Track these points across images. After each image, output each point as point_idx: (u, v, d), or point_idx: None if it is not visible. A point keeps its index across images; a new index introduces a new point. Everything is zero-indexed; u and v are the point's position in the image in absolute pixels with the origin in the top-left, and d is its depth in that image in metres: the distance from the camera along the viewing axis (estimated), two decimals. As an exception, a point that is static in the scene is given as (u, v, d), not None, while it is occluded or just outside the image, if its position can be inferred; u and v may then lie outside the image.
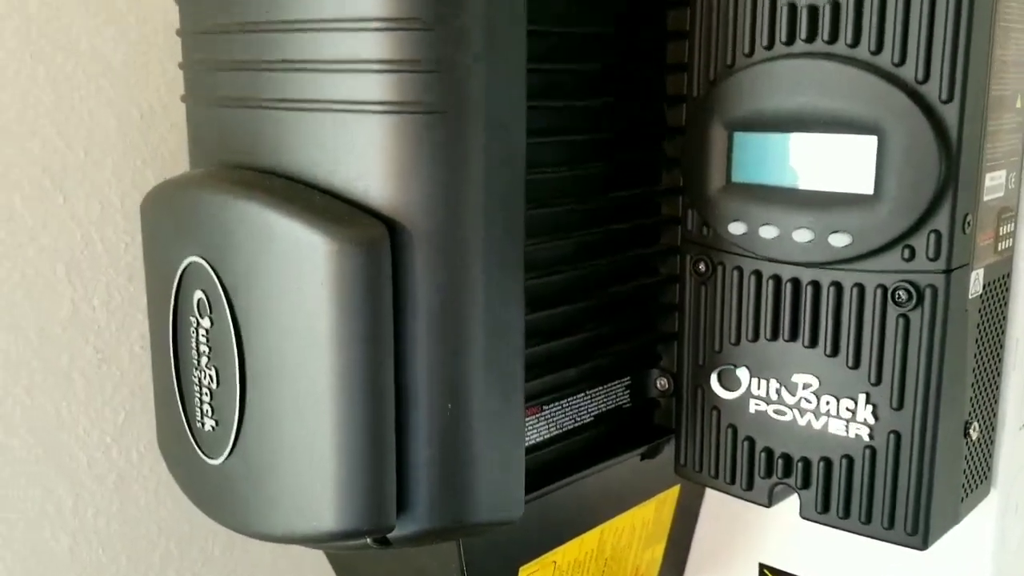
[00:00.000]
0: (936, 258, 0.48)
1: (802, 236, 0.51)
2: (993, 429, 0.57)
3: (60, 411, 0.65)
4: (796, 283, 0.52)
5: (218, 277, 0.46)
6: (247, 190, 0.45)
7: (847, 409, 0.52)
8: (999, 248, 0.53)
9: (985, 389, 0.55)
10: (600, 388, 0.58)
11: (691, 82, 0.54)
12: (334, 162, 0.45)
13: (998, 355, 0.56)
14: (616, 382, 0.59)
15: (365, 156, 0.44)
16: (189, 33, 0.51)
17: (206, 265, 0.47)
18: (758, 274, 0.54)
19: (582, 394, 0.57)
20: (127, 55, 0.65)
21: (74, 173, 0.64)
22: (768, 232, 0.52)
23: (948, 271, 0.48)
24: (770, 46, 0.51)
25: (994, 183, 0.51)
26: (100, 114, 0.65)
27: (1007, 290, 0.55)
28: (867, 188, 0.49)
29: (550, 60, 0.51)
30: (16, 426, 0.63)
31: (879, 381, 0.50)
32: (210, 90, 0.50)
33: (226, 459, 0.48)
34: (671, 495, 0.69)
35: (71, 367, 0.66)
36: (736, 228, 0.53)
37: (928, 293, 0.48)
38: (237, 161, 0.49)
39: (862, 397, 0.51)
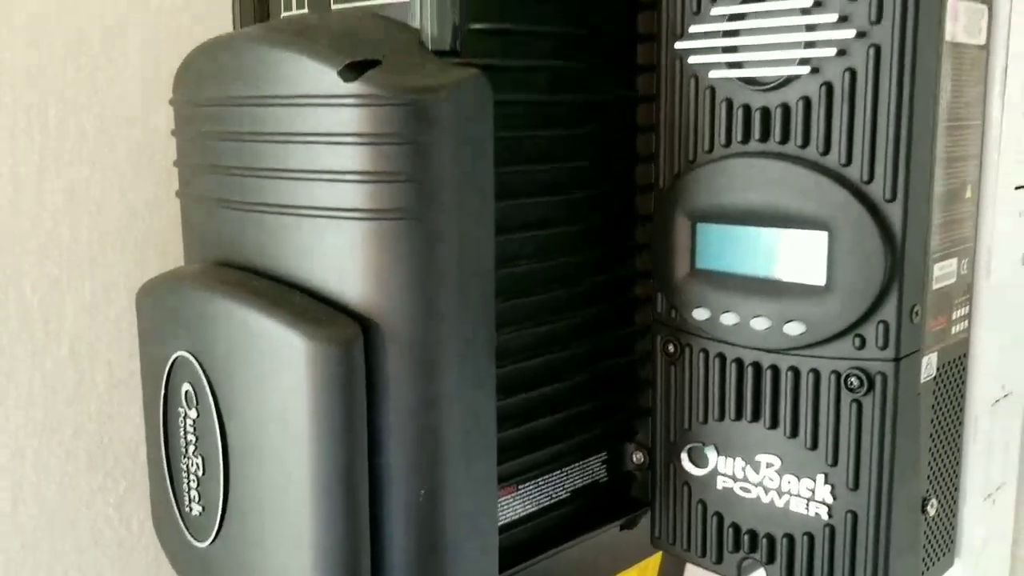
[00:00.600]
0: (885, 347, 0.50)
1: (760, 324, 0.53)
2: (955, 502, 0.59)
3: (63, 483, 0.68)
4: (757, 367, 0.55)
5: (204, 371, 0.49)
6: (231, 290, 0.48)
7: (807, 488, 0.54)
8: (953, 331, 0.56)
9: (944, 464, 0.57)
10: (576, 464, 0.61)
11: (657, 174, 0.57)
12: (314, 263, 0.48)
13: (957, 431, 0.58)
14: (593, 457, 0.62)
15: (343, 259, 0.47)
16: (182, 136, 0.55)
17: (193, 360, 0.50)
18: (722, 357, 0.56)
19: (559, 471, 0.60)
20: (131, 151, 0.69)
21: (79, 261, 0.67)
22: (729, 319, 0.54)
23: (897, 359, 0.50)
24: (727, 144, 0.54)
25: (944, 271, 0.54)
26: (106, 205, 0.68)
27: (964, 370, 0.58)
28: (819, 280, 0.51)
29: (524, 161, 0.54)
30: (23, 498, 0.66)
31: (836, 462, 0.53)
32: (201, 190, 0.54)
33: (212, 543, 0.50)
34: (653, 562, 0.71)
35: (75, 441, 0.69)
36: (700, 314, 0.56)
37: (879, 380, 0.51)
38: (225, 257, 0.52)
39: (820, 477, 0.53)
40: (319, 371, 0.45)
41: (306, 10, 0.55)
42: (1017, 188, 0.58)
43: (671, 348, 0.59)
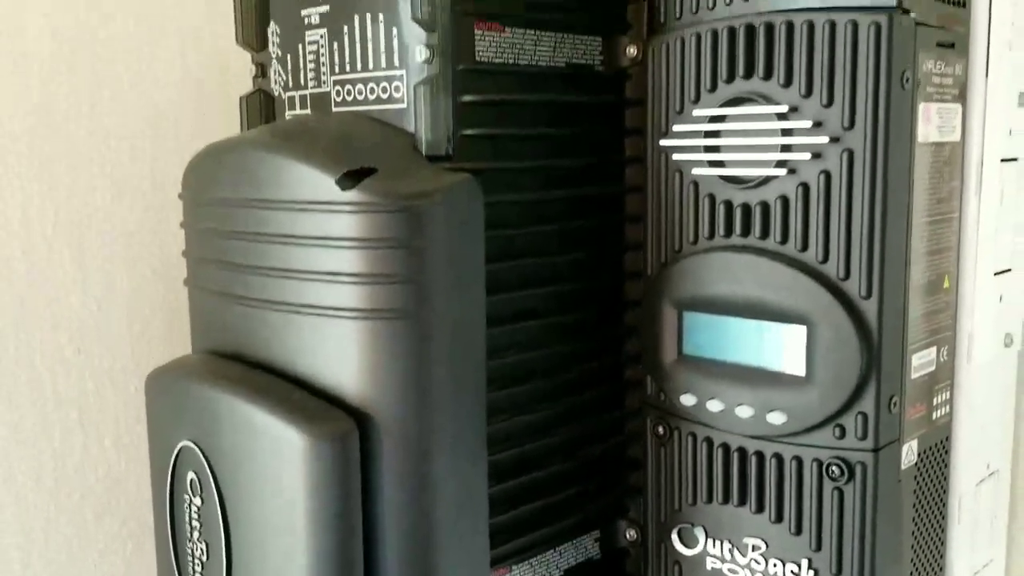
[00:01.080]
0: (864, 437, 0.52)
1: (744, 412, 0.55)
2: (941, 583, 0.60)
3: (72, 546, 0.71)
4: (743, 452, 0.56)
5: (207, 461, 0.51)
6: (233, 384, 0.51)
7: (792, 572, 0.55)
8: (934, 417, 0.57)
9: (928, 546, 0.58)
10: (569, 543, 0.62)
11: (646, 262, 0.60)
12: (313, 358, 0.50)
13: (941, 512, 0.59)
14: (586, 536, 0.63)
15: (340, 355, 0.49)
16: (190, 230, 0.57)
17: (197, 450, 0.52)
18: (709, 441, 0.58)
19: (552, 550, 0.61)
20: (142, 219, 0.72)
21: (89, 328, 0.70)
22: (715, 406, 0.56)
23: (876, 449, 0.52)
24: (711, 237, 0.56)
25: (923, 361, 0.55)
26: (115, 272, 0.71)
27: (947, 452, 0.59)
28: (800, 371, 0.53)
29: (516, 256, 0.56)
30: (32, 563, 0.68)
31: (819, 547, 0.54)
32: (207, 282, 0.56)
33: (213, 627, 0.52)
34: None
35: (82, 503, 0.71)
36: (687, 399, 0.58)
37: (859, 469, 0.52)
38: (229, 347, 0.55)
39: (804, 562, 0.55)
40: (315, 465, 0.47)
41: (309, 111, 0.57)
42: (996, 274, 0.60)
43: (661, 430, 0.60)
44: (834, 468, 0.53)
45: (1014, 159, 0.59)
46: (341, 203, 0.48)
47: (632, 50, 0.60)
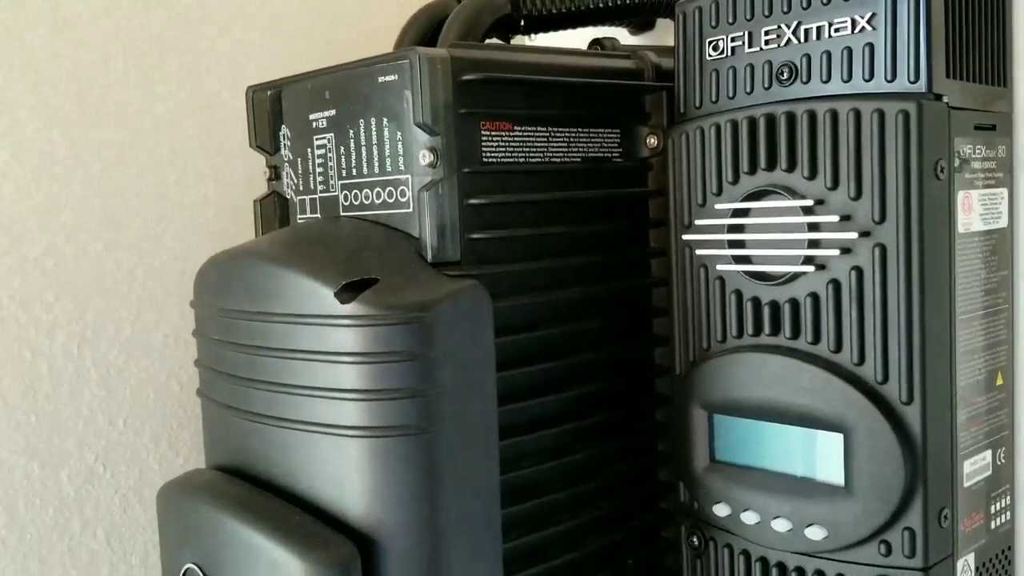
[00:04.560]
0: (913, 555, 0.48)
1: (781, 526, 0.51)
2: None
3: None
4: (782, 568, 0.52)
5: (210, 586, 0.49)
6: (235, 507, 0.49)
7: None
8: (992, 526, 0.52)
9: (995, 670, 0.53)
10: (601, 661, 0.59)
11: (673, 360, 0.56)
12: (316, 478, 0.48)
13: (1008, 630, 0.54)
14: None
15: (343, 475, 0.47)
16: (200, 338, 0.56)
17: (200, 573, 0.50)
18: (747, 555, 0.54)
19: (581, 670, 0.58)
20: (167, 335, 0.71)
21: (115, 446, 0.69)
22: (750, 518, 0.52)
23: (927, 568, 0.48)
24: (739, 335, 0.53)
25: (976, 467, 0.51)
26: (141, 389, 0.70)
27: (1010, 563, 0.54)
28: (838, 480, 0.49)
29: (532, 361, 0.53)
30: None
31: (869, 676, 0.49)
32: (215, 394, 0.55)
33: None
34: None
35: (107, 624, 0.69)
36: (720, 510, 0.54)
37: (908, 590, 0.48)
38: (236, 462, 0.53)
39: None
40: (317, 593, 0.45)
41: (319, 214, 0.56)
42: (1057, 366, 0.55)
43: (695, 540, 0.56)
44: (881, 589, 0.48)
45: (1069, 243, 0.54)
46: (340, 316, 0.46)
47: (652, 140, 0.58)
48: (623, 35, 0.72)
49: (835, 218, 0.48)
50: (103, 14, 0.68)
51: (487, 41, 0.63)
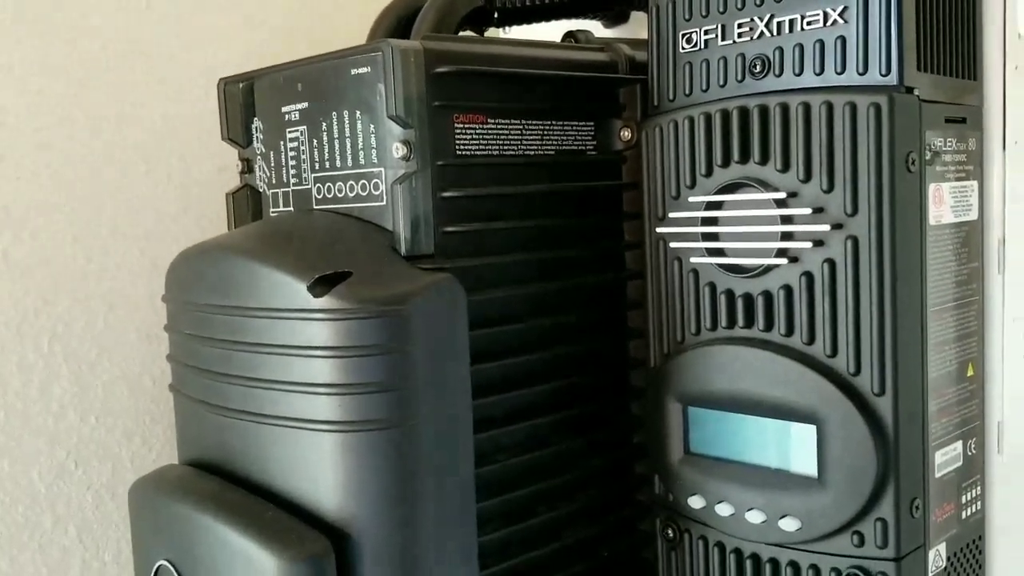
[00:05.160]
0: (885, 545, 0.48)
1: (755, 517, 0.51)
2: None
3: (69, 666, 0.68)
4: (756, 559, 0.52)
5: (183, 583, 0.49)
6: (207, 503, 0.48)
7: None
8: (963, 516, 0.53)
9: (966, 658, 0.53)
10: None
11: (648, 353, 0.56)
12: (289, 472, 0.48)
13: (979, 618, 0.54)
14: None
15: (317, 470, 0.47)
16: (172, 333, 0.56)
17: (173, 570, 0.49)
18: (721, 546, 0.54)
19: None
20: (139, 330, 0.70)
21: (87, 442, 0.68)
22: (724, 509, 0.53)
23: (899, 558, 0.48)
24: (713, 328, 0.53)
25: (947, 457, 0.51)
26: (113, 385, 0.69)
27: (980, 552, 0.55)
28: (811, 472, 0.49)
29: (507, 354, 0.53)
30: None
31: (842, 665, 0.50)
32: (188, 389, 0.54)
33: None
34: None
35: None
36: (695, 502, 0.54)
37: (880, 580, 0.48)
38: (208, 457, 0.52)
39: None
40: (290, 588, 0.45)
41: (292, 207, 0.56)
42: (1027, 357, 0.56)
43: (670, 533, 0.57)
44: (854, 579, 0.49)
45: (1038, 235, 0.55)
46: (314, 310, 0.46)
47: (626, 133, 0.58)
48: (597, 28, 0.72)
49: (808, 210, 0.48)
50: (69, 6, 0.67)
51: (460, 34, 0.63)
